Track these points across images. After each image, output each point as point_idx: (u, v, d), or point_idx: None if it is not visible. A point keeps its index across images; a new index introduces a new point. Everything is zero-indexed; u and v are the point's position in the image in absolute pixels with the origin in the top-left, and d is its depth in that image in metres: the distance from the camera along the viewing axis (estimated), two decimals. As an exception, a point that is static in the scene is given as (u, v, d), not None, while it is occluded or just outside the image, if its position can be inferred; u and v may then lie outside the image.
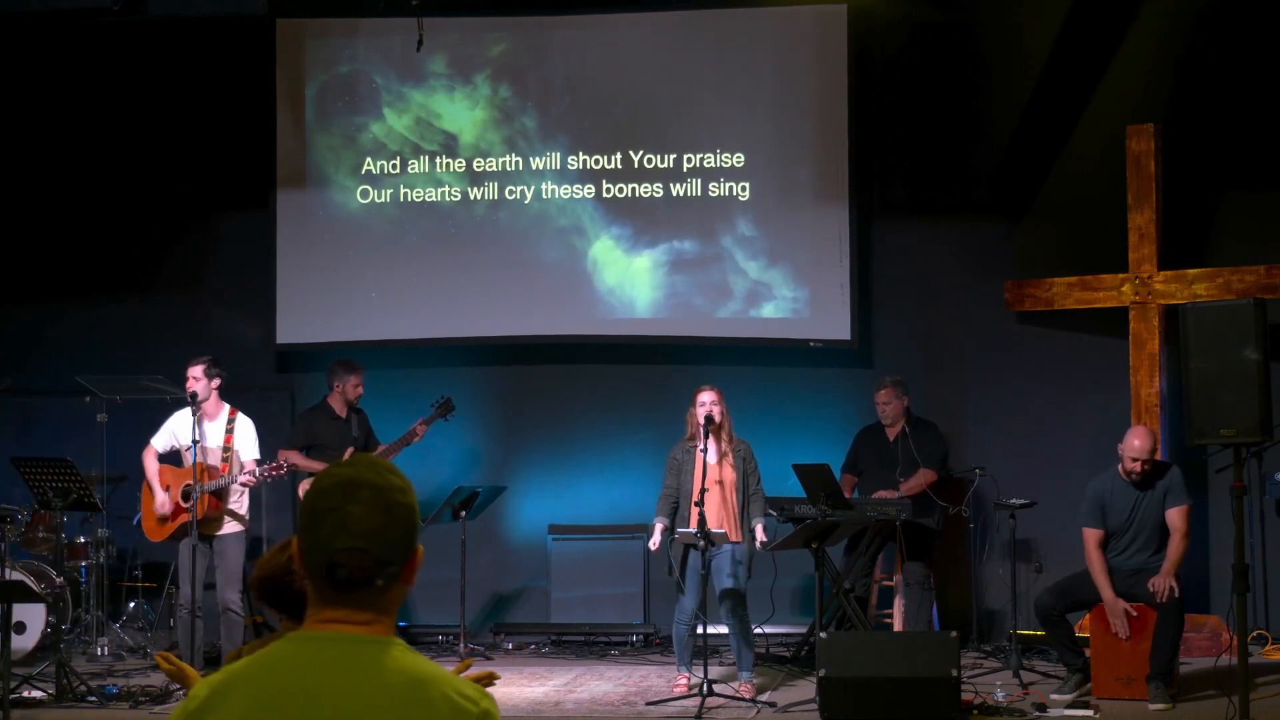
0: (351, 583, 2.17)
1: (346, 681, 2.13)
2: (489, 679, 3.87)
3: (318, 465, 9.55)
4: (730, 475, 8.07)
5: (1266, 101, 9.94)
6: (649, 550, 8.45)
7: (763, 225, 10.41)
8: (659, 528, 8.16)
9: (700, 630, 7.87)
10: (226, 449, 8.59)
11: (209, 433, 8.58)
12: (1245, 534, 6.99)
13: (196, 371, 8.61)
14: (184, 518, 8.55)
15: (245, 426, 8.70)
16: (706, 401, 8.08)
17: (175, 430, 8.74)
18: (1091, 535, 7.93)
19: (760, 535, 8.07)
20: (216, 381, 8.67)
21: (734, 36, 10.52)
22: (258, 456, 8.59)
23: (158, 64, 10.92)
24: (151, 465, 8.69)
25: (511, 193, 10.65)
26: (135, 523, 9.44)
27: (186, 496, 8.57)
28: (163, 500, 8.61)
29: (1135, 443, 7.88)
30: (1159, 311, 9.43)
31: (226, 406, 8.72)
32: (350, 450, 9.70)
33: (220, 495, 8.49)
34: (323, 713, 2.11)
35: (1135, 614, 7.76)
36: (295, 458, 9.30)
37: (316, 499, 2.19)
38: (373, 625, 2.19)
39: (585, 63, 10.65)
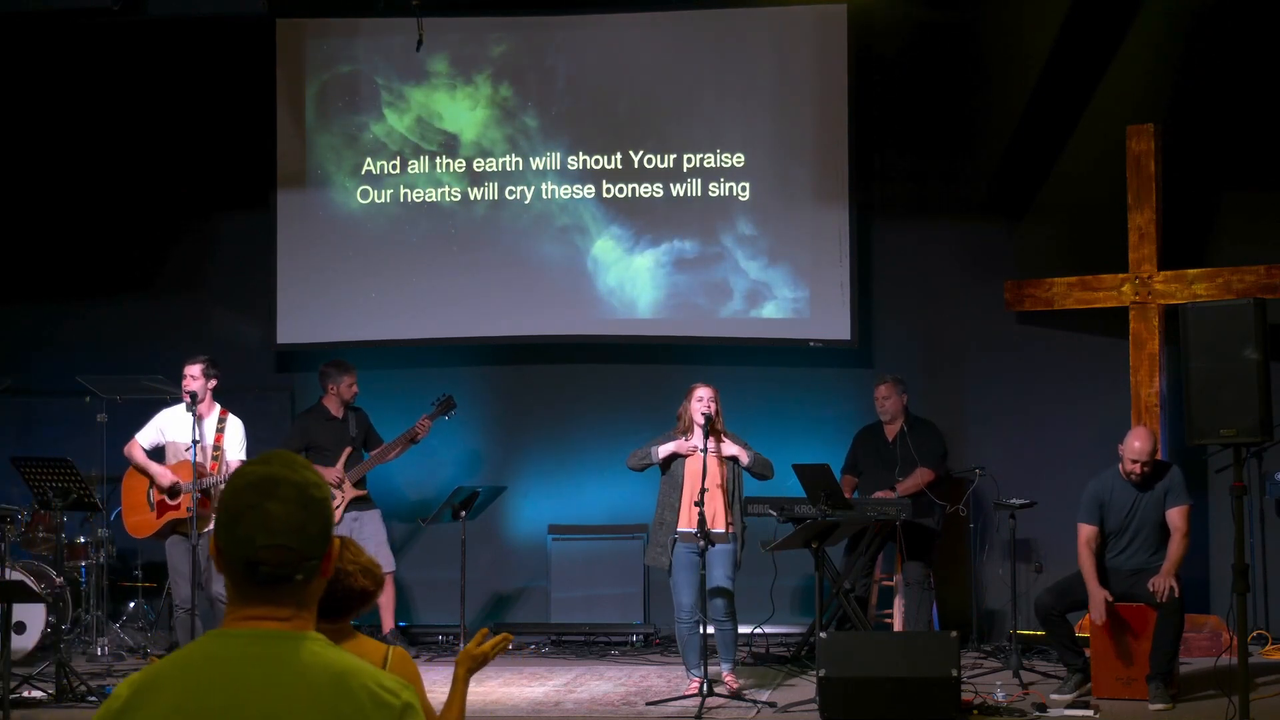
0: (273, 579, 2.19)
1: (269, 677, 2.15)
2: (504, 641, 3.91)
3: (313, 468, 9.55)
4: (723, 470, 8.06)
5: (1266, 101, 9.94)
6: (648, 546, 8.37)
7: (763, 225, 10.42)
8: (673, 445, 8.09)
9: (702, 630, 7.87)
10: (217, 448, 8.62)
11: (202, 433, 8.60)
12: (1245, 534, 6.99)
13: (195, 370, 8.62)
14: (169, 515, 8.57)
15: (235, 427, 8.72)
16: (704, 398, 8.05)
17: (163, 427, 8.75)
18: (1085, 530, 7.94)
19: (742, 454, 8.03)
20: (213, 382, 8.69)
21: (734, 36, 10.52)
22: (243, 457, 8.60)
23: (158, 64, 10.92)
24: (140, 454, 8.71)
25: (512, 193, 10.66)
26: (113, 518, 9.45)
27: (173, 494, 8.58)
28: (160, 471, 8.62)
29: (1135, 444, 7.88)
30: (1159, 311, 9.43)
31: (218, 407, 8.75)
32: (348, 451, 9.71)
33: (209, 494, 8.51)
34: (246, 709, 2.13)
35: (1111, 599, 7.74)
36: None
37: (234, 497, 2.22)
38: (293, 620, 2.21)
39: (586, 63, 10.66)
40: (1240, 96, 9.96)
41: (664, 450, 8.10)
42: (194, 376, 8.60)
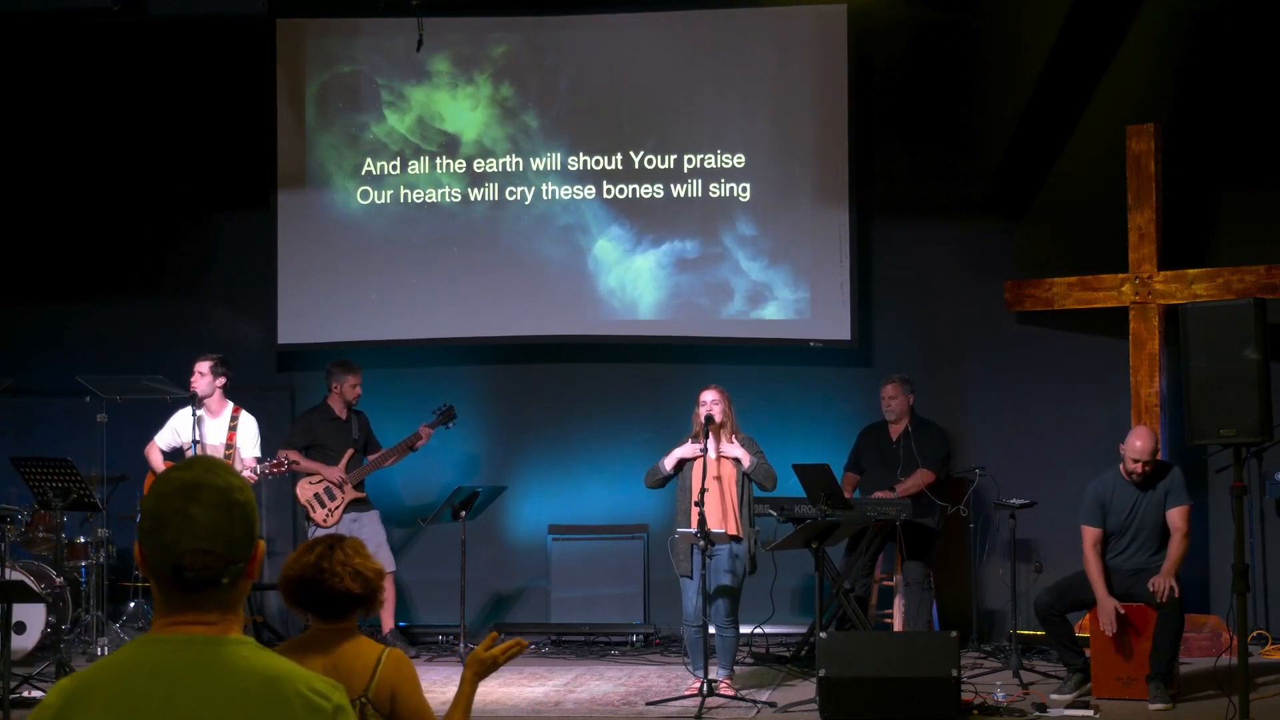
0: (199, 583, 2.21)
1: (200, 684, 2.16)
2: (517, 647, 3.89)
3: (316, 466, 9.56)
4: (730, 471, 8.06)
5: (1266, 101, 9.94)
6: (648, 548, 8.41)
7: (763, 225, 10.42)
8: (678, 451, 8.11)
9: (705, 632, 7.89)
10: (229, 446, 8.61)
11: (211, 430, 8.59)
12: (1245, 534, 6.99)
13: (203, 367, 8.62)
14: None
15: (248, 424, 8.72)
16: (707, 400, 8.11)
17: (178, 427, 8.76)
18: (1089, 534, 7.94)
19: (744, 456, 8.03)
20: (222, 380, 8.69)
21: (734, 36, 10.52)
22: (258, 454, 8.60)
23: (158, 64, 10.92)
24: (158, 458, 8.72)
25: (512, 193, 10.65)
26: (138, 520, 9.44)
27: None
28: None
29: (1137, 444, 7.88)
30: (1159, 311, 9.43)
31: (230, 404, 8.73)
32: (350, 452, 9.70)
33: None
34: (178, 715, 2.14)
35: (1123, 612, 7.75)
36: (294, 457, 9.31)
37: (159, 503, 2.23)
38: (220, 624, 2.22)
39: (586, 63, 10.66)
40: (1240, 96, 9.96)
41: (671, 460, 8.13)
42: (202, 373, 8.61)
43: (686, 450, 8.09)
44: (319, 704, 2.18)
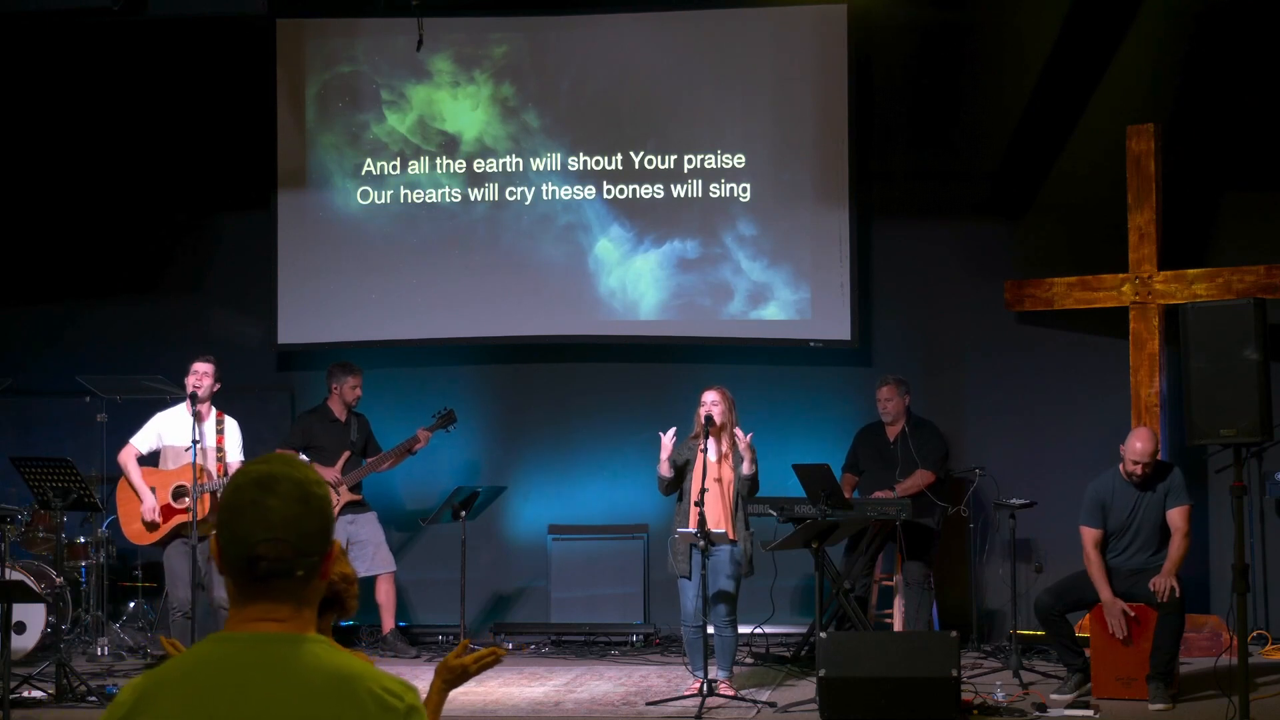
0: (272, 574, 2.20)
1: (271, 681, 2.15)
2: (492, 656, 3.84)
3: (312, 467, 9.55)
4: (730, 475, 8.06)
5: (1266, 101, 9.94)
6: (648, 548, 8.41)
7: (763, 226, 10.42)
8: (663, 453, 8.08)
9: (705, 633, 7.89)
10: (220, 449, 8.60)
11: (203, 434, 8.59)
12: (1245, 534, 7.00)
13: (207, 368, 8.60)
14: (176, 519, 8.56)
15: (234, 429, 8.73)
16: (707, 401, 8.10)
17: (161, 431, 8.74)
18: (1089, 535, 7.94)
19: (747, 463, 8.01)
20: (218, 385, 8.69)
21: (734, 36, 10.52)
22: (242, 459, 8.59)
23: (158, 64, 10.92)
24: (134, 467, 8.68)
25: (512, 193, 10.65)
26: (106, 525, 9.44)
27: (177, 498, 8.56)
28: (151, 505, 8.60)
29: (1137, 445, 7.88)
30: (1159, 311, 9.42)
31: (214, 409, 8.74)
32: (346, 454, 9.70)
33: (215, 496, 8.49)
34: (248, 713, 2.13)
35: (1133, 614, 7.76)
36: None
37: (234, 495, 2.23)
38: (292, 621, 2.21)
39: (587, 63, 10.66)
40: (1240, 96, 9.96)
41: (663, 465, 8.08)
42: (205, 374, 8.58)
43: (665, 445, 8.05)
44: (391, 703, 2.16)
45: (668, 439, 8.07)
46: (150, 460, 8.75)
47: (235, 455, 8.63)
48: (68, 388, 10.22)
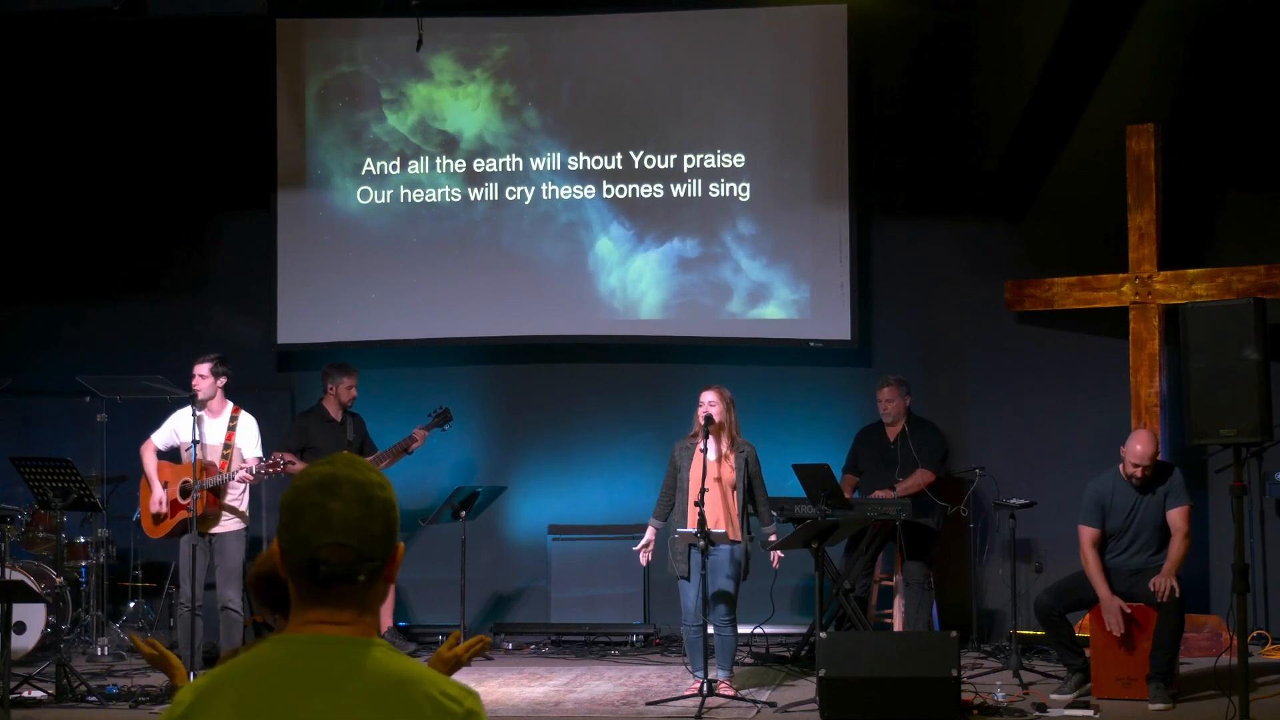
0: (333, 578, 2.17)
1: (330, 684, 2.14)
2: (479, 643, 3.84)
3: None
4: (729, 475, 8.07)
5: (1266, 101, 9.94)
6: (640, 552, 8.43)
7: (763, 225, 10.42)
8: (650, 531, 8.23)
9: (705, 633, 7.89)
10: (227, 446, 8.59)
11: (211, 430, 8.58)
12: (1245, 534, 7.00)
13: (203, 369, 8.61)
14: (182, 514, 8.56)
15: (248, 424, 8.71)
16: (705, 401, 8.10)
17: (176, 428, 8.75)
18: (1087, 534, 7.93)
19: (773, 538, 8.12)
20: (222, 380, 8.68)
21: (734, 36, 10.52)
22: (259, 454, 8.59)
23: (158, 64, 10.92)
24: (150, 460, 8.69)
25: (512, 193, 10.66)
26: (134, 519, 9.45)
27: (185, 493, 8.57)
28: (160, 497, 8.61)
29: (1137, 447, 7.87)
30: (1159, 311, 9.43)
31: (230, 404, 8.72)
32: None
33: (217, 492, 8.48)
34: (307, 716, 2.11)
35: (1129, 611, 7.75)
36: (289, 458, 9.30)
37: (296, 497, 2.20)
38: (354, 625, 2.19)
39: (587, 63, 10.66)
40: (1240, 96, 9.96)
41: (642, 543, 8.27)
42: (202, 375, 8.60)
43: (643, 557, 8.29)
44: (450, 708, 2.15)
45: (644, 557, 8.27)
46: (172, 456, 8.77)
47: (251, 451, 8.61)
48: (68, 388, 10.22)
